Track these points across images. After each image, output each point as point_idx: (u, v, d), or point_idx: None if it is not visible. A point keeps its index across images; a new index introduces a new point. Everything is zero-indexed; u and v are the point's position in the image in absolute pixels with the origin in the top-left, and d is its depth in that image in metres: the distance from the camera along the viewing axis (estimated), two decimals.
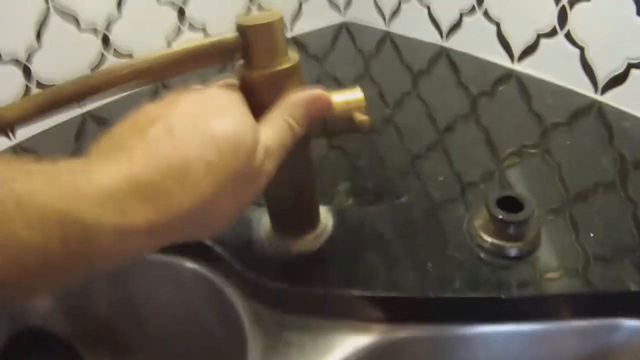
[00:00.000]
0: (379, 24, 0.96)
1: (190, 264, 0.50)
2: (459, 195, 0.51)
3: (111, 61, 0.73)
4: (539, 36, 0.69)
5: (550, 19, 0.66)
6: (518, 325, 0.42)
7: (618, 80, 0.61)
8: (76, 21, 0.69)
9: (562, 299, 0.41)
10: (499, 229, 0.43)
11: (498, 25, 0.74)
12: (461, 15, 0.79)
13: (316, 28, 0.98)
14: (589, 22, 0.62)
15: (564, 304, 0.41)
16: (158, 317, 0.58)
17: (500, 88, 0.70)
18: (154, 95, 0.72)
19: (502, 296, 0.40)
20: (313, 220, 0.45)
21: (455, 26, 0.81)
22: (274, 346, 0.41)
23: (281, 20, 0.34)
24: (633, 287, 0.39)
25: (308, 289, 0.42)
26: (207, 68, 0.35)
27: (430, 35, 0.86)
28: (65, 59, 0.70)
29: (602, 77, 0.63)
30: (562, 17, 0.65)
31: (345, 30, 0.99)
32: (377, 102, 0.69)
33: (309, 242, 0.45)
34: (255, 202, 0.47)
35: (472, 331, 0.42)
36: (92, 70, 0.71)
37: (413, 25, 0.89)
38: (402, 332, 0.42)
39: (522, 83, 0.70)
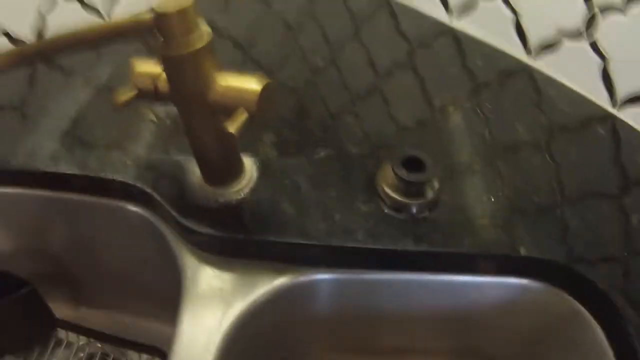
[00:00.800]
0: None
1: (133, 208, 0.55)
2: (374, 152, 0.55)
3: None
4: None
5: None
6: (413, 275, 0.48)
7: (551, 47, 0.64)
8: None
9: (454, 256, 0.46)
10: (402, 187, 0.47)
11: None
12: None
13: None
14: None
15: (457, 260, 0.47)
16: (110, 256, 0.63)
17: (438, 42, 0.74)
18: None
19: (398, 249, 0.46)
20: (237, 172, 0.50)
21: None
22: (208, 283, 0.48)
23: (194, 3, 0.38)
24: (523, 252, 0.45)
25: (232, 235, 0.47)
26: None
27: None
28: None
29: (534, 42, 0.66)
30: None
31: None
32: (315, 51, 0.72)
33: (235, 191, 0.50)
34: (190, 151, 0.52)
35: (374, 277, 0.49)
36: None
37: None
38: (314, 275, 0.48)
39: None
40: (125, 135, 0.58)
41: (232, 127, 0.39)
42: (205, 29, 0.41)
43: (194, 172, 0.52)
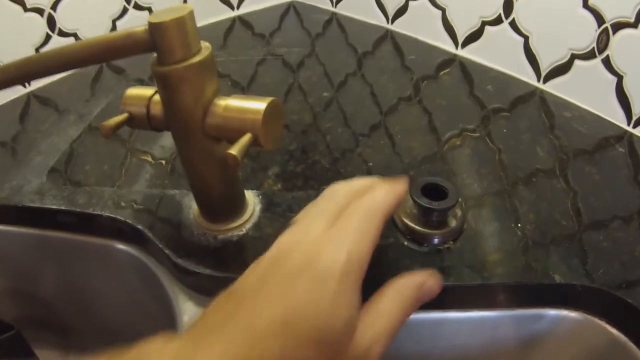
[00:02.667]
0: (325, 4, 0.94)
1: (125, 248, 0.49)
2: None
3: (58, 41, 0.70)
4: (483, 23, 0.68)
5: (496, 8, 0.65)
6: (439, 314, 0.42)
7: (561, 70, 0.60)
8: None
9: (484, 290, 0.41)
10: (423, 216, 0.42)
11: (443, 10, 0.73)
12: None
13: (263, 7, 0.96)
14: (533, 11, 0.61)
15: (486, 294, 0.41)
16: (100, 301, 0.57)
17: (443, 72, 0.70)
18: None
19: None
20: (238, 206, 0.45)
21: (401, 10, 0.80)
22: None
23: (191, 14, 0.34)
24: (558, 279, 0.40)
25: (232, 275, 0.41)
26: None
27: (376, 18, 0.84)
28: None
29: (545, 66, 0.62)
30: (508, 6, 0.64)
31: (293, 10, 0.97)
32: (321, 83, 0.67)
33: (236, 227, 0.44)
34: (186, 186, 0.46)
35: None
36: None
37: (359, 8, 0.87)
38: None
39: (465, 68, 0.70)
40: (116, 171, 0.53)
41: (235, 149, 0.34)
42: (204, 43, 0.36)
43: (191, 207, 0.47)
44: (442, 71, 0.67)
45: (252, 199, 0.46)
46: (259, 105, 0.35)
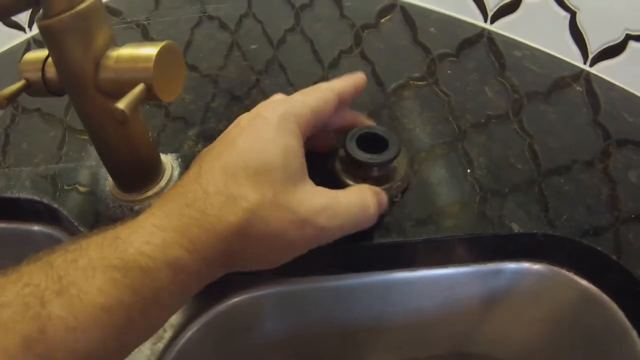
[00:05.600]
0: None
1: (44, 229, 0.42)
2: None
3: None
4: None
5: None
6: (384, 275, 0.37)
7: (509, 8, 0.54)
8: None
9: (435, 245, 0.35)
10: (362, 172, 0.34)
11: None
12: None
13: None
14: None
15: (438, 250, 0.35)
16: None
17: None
18: None
19: (362, 244, 0.34)
20: (153, 172, 0.38)
21: None
22: None
23: None
24: (516, 229, 0.34)
25: None
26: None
27: None
28: None
29: (492, 5, 0.55)
30: None
31: None
32: (257, 39, 0.60)
33: (152, 195, 0.37)
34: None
35: (336, 283, 0.37)
36: None
37: None
38: (257, 291, 0.37)
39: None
40: (35, 147, 0.46)
41: (122, 102, 0.28)
42: None
43: (107, 178, 0.40)
44: (384, 18, 0.61)
45: (170, 163, 0.40)
46: (150, 51, 0.29)
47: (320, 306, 0.38)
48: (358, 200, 0.29)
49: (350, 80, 0.33)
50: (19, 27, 0.65)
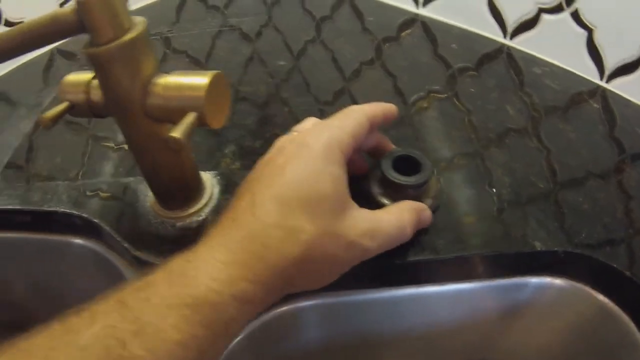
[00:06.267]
0: None
1: (84, 243, 0.44)
2: None
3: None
4: None
5: None
6: (417, 289, 0.38)
7: (528, 25, 0.55)
8: None
9: (462, 262, 0.37)
10: (398, 193, 0.36)
11: None
12: None
13: None
14: None
15: (465, 266, 0.37)
16: (70, 298, 0.51)
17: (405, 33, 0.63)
18: None
19: (397, 261, 0.36)
20: (195, 190, 0.39)
21: None
22: None
23: None
24: (538, 247, 0.36)
25: None
26: None
27: None
28: None
29: (512, 21, 0.56)
30: None
31: None
32: (279, 52, 0.61)
33: (194, 213, 0.39)
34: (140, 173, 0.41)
35: (367, 297, 0.39)
36: None
37: None
38: (297, 303, 0.38)
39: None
40: (70, 163, 0.47)
41: (178, 131, 0.29)
42: (138, 18, 0.31)
43: (147, 194, 0.41)
44: (404, 32, 0.62)
45: (210, 181, 0.41)
46: (200, 80, 0.31)
47: (351, 318, 0.40)
48: (396, 222, 0.31)
49: (380, 107, 0.35)
50: None
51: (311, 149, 0.29)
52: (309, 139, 0.30)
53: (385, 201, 0.36)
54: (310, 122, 0.34)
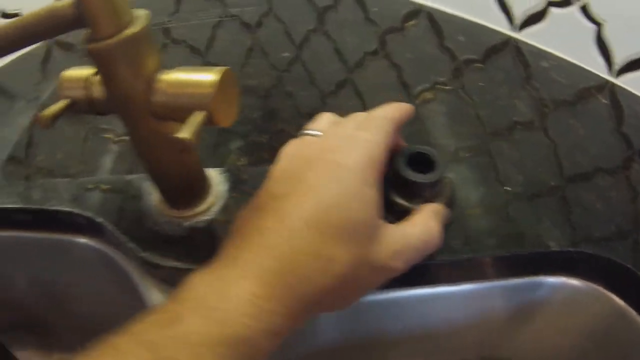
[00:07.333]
0: None
1: (87, 242, 0.42)
2: None
3: None
4: None
5: None
6: (430, 289, 0.37)
7: (536, 17, 0.53)
8: None
9: (476, 262, 0.36)
10: (412, 191, 0.34)
11: None
12: None
13: None
14: None
15: (479, 266, 0.36)
16: (74, 298, 0.50)
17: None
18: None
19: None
20: (201, 188, 0.38)
21: None
22: None
23: None
24: (553, 246, 0.35)
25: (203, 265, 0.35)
26: None
27: None
28: None
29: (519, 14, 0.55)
30: None
31: None
32: (280, 41, 0.59)
33: (202, 211, 0.38)
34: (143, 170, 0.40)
35: (383, 297, 0.38)
36: None
37: None
38: None
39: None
40: (71, 159, 0.46)
41: (186, 131, 0.27)
42: (140, 11, 0.29)
43: (151, 193, 0.40)
44: (409, 22, 0.60)
45: (216, 178, 0.40)
46: (209, 77, 0.29)
47: (362, 318, 0.39)
48: (424, 236, 0.30)
49: (402, 110, 0.33)
50: None
51: (345, 169, 0.27)
52: (342, 157, 0.28)
53: (400, 200, 0.35)
54: (324, 120, 0.33)
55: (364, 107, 0.48)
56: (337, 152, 0.28)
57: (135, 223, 0.38)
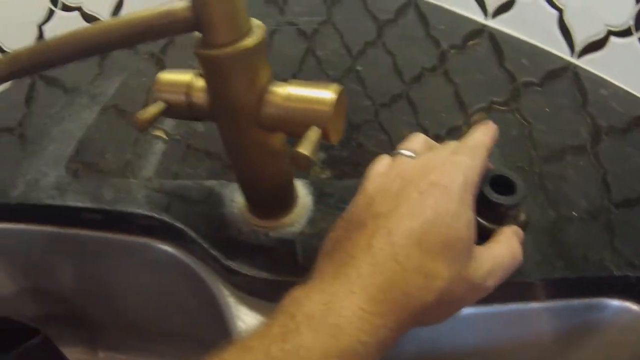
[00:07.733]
0: None
1: (164, 247, 0.42)
2: None
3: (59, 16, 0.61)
4: None
5: None
6: (502, 306, 0.38)
7: (596, 45, 0.54)
8: None
9: (544, 284, 0.37)
10: (491, 212, 0.34)
11: None
12: None
13: None
14: None
15: (547, 288, 0.37)
16: (128, 297, 0.50)
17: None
18: None
19: None
20: (290, 199, 0.38)
21: None
22: None
23: None
24: (616, 272, 0.36)
25: (290, 279, 0.35)
26: None
27: None
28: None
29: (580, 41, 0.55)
30: None
31: None
32: (340, 53, 0.60)
33: (289, 223, 0.38)
34: (225, 177, 0.40)
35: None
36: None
37: None
38: None
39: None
40: (142, 159, 0.46)
41: (306, 148, 0.28)
42: (256, 22, 0.29)
43: (234, 200, 0.40)
44: (470, 41, 0.61)
45: (302, 190, 0.40)
46: (327, 95, 0.29)
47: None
48: (510, 255, 0.31)
49: (493, 135, 0.34)
50: None
51: (447, 190, 0.28)
52: (443, 178, 0.28)
53: (481, 220, 0.35)
54: (419, 142, 0.33)
55: (418, 122, 0.49)
56: (439, 173, 0.29)
57: (218, 231, 0.38)
